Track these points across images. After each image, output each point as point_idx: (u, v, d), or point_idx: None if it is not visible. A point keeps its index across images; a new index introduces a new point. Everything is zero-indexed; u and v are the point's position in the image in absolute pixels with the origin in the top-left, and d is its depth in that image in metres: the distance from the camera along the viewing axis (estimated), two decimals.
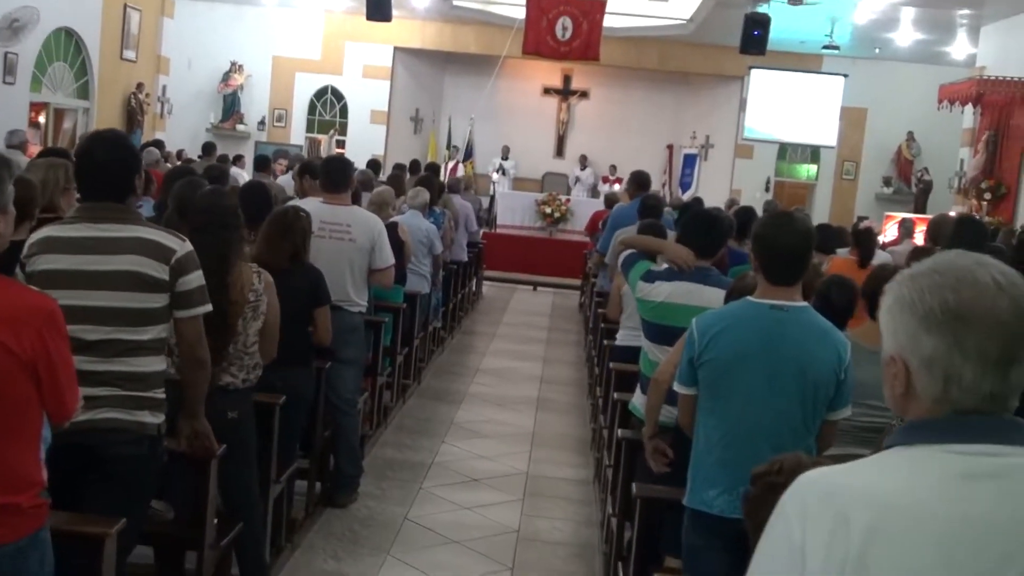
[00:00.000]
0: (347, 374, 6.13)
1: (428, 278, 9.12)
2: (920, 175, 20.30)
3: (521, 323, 13.73)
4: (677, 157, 22.79)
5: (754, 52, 16.32)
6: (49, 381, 2.72)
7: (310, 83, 22.02)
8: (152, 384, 3.44)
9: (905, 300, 1.54)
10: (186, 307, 3.48)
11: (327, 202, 6.21)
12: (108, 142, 3.45)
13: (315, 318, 5.32)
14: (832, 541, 1.46)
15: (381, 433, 7.67)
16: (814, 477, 1.56)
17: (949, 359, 1.49)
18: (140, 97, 17.66)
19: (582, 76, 22.88)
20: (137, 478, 3.43)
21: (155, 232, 3.46)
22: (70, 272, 3.30)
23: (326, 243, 6.00)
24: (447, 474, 6.95)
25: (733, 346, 3.37)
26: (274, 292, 4.39)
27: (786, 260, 3.34)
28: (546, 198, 19.85)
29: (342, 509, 6.06)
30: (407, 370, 8.82)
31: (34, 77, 14.86)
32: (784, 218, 3.47)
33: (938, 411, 1.53)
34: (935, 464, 1.49)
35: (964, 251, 1.58)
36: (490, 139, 22.59)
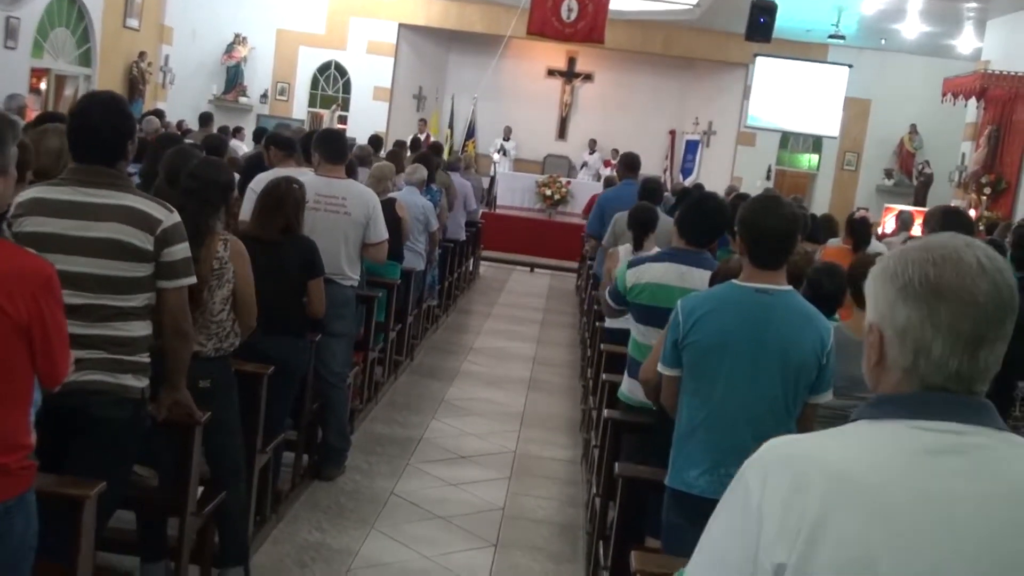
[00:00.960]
0: (338, 348, 6.14)
1: (424, 255, 9.12)
2: (921, 168, 20.29)
3: (517, 304, 13.74)
4: (679, 143, 22.78)
5: (760, 39, 16.26)
6: (42, 345, 2.73)
7: (314, 57, 21.97)
8: (137, 348, 3.45)
9: (889, 271, 1.55)
10: (170, 278, 3.48)
11: (322, 174, 6.20)
12: (104, 104, 3.44)
13: (309, 290, 5.31)
14: (789, 505, 1.46)
15: (371, 408, 7.69)
16: (777, 443, 1.58)
17: (921, 331, 1.50)
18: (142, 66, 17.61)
19: (587, 59, 22.83)
20: (119, 441, 3.44)
21: (143, 201, 3.44)
22: (55, 236, 3.29)
23: (321, 216, 6.00)
24: (435, 451, 6.97)
25: (717, 329, 3.38)
26: (245, 260, 4.32)
27: (771, 244, 3.34)
28: (546, 180, 19.85)
29: (329, 482, 6.08)
30: (400, 346, 8.83)
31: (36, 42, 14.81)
32: (770, 202, 3.47)
33: (906, 386, 1.54)
34: (898, 438, 1.50)
35: (957, 233, 1.59)
36: (492, 119, 22.55)
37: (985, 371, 1.52)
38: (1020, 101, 14.98)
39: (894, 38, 18.96)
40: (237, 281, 4.34)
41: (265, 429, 4.87)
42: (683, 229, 4.72)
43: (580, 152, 22.53)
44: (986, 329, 1.50)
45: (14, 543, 2.70)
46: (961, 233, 4.62)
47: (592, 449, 6.29)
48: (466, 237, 12.44)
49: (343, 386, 6.28)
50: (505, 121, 22.49)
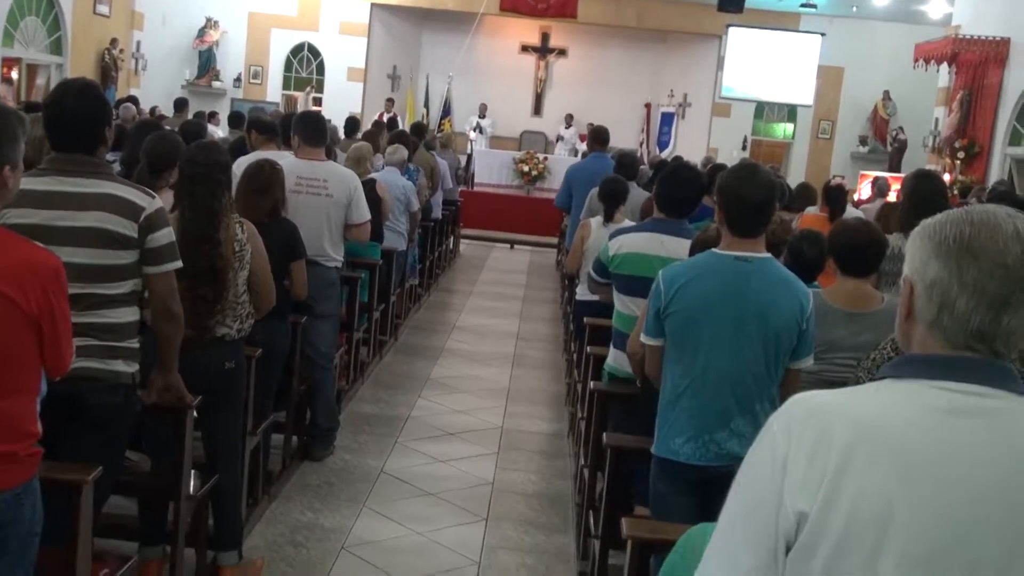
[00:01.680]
0: (324, 329, 6.17)
1: (405, 235, 9.14)
2: (895, 134, 20.41)
3: (498, 281, 13.78)
4: (655, 116, 22.82)
5: (732, 10, 16.36)
6: (51, 336, 2.78)
7: (286, 39, 21.87)
8: (126, 334, 3.47)
9: (928, 228, 1.61)
10: (156, 263, 3.50)
11: (303, 157, 6.21)
12: (78, 92, 3.44)
13: (291, 272, 5.33)
14: (814, 455, 1.51)
15: (358, 388, 7.73)
16: (803, 397, 1.63)
17: (948, 286, 1.56)
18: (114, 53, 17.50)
19: (560, 34, 22.80)
20: (112, 426, 3.47)
21: (125, 188, 3.45)
22: (40, 227, 3.29)
23: (303, 198, 6.01)
24: (423, 428, 7.03)
25: (698, 297, 3.43)
26: (259, 240, 4.42)
27: (750, 212, 3.39)
28: (523, 156, 19.85)
29: (319, 462, 6.13)
30: (384, 326, 8.87)
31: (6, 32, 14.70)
32: (749, 170, 3.52)
33: (931, 344, 1.59)
34: (921, 396, 1.55)
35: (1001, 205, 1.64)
36: (468, 97, 22.51)
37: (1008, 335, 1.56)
38: (991, 65, 15.08)
39: (865, 5, 19.04)
40: (254, 261, 4.39)
41: (254, 412, 4.91)
42: (660, 200, 4.77)
43: (556, 127, 22.52)
44: (1011, 292, 1.54)
45: (24, 529, 2.75)
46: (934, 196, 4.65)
47: (579, 422, 6.36)
48: (444, 216, 12.45)
49: (330, 367, 6.32)
50: (480, 99, 22.45)
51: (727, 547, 1.61)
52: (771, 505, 1.54)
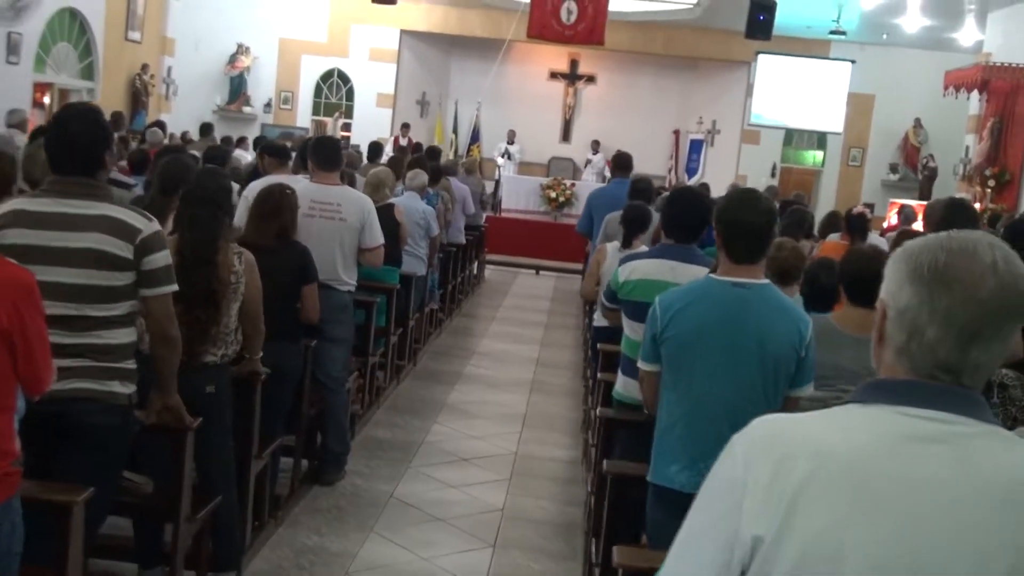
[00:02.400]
0: (335, 352, 6.18)
1: (424, 260, 9.16)
2: (926, 162, 20.26)
3: (521, 306, 13.77)
4: (683, 142, 22.78)
5: (759, 37, 16.27)
6: (24, 353, 2.78)
7: (316, 65, 22.06)
8: (122, 355, 3.49)
9: (906, 252, 1.58)
10: (152, 286, 3.52)
11: (317, 181, 6.25)
12: (79, 116, 3.49)
13: (303, 296, 5.37)
14: (772, 480, 1.50)
15: (373, 412, 7.73)
16: (767, 420, 1.62)
17: (918, 312, 1.53)
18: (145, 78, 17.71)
19: (589, 61, 22.86)
20: (108, 447, 3.49)
21: (122, 211, 3.48)
22: (36, 248, 3.33)
23: (316, 222, 6.05)
24: (436, 453, 7.01)
25: (694, 323, 3.40)
26: (255, 272, 4.45)
27: (747, 238, 3.36)
28: (551, 182, 19.86)
29: (329, 486, 6.12)
30: (402, 351, 8.87)
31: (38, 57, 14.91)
32: (746, 196, 3.50)
33: (899, 369, 1.57)
34: (883, 422, 1.52)
35: (985, 232, 1.61)
36: (496, 123, 22.58)
37: (975, 368, 1.53)
38: (1022, 93, 14.95)
39: (896, 32, 18.94)
40: (248, 293, 4.43)
41: (261, 434, 4.92)
42: (665, 226, 4.76)
43: (584, 154, 22.54)
44: (982, 325, 1.51)
45: (2, 548, 2.75)
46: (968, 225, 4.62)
47: (590, 448, 6.32)
48: (467, 241, 12.46)
49: (342, 390, 6.32)
50: (509, 125, 22.52)
51: (682, 562, 1.59)
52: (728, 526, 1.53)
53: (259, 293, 4.48)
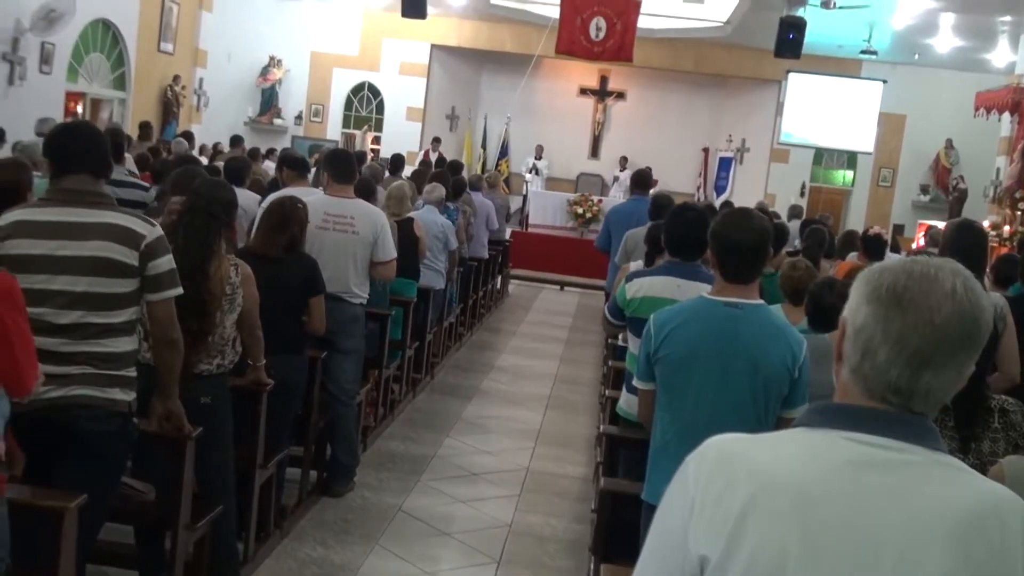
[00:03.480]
0: (347, 365, 6.21)
1: (443, 273, 9.19)
2: (956, 183, 20.10)
3: (544, 322, 13.77)
4: (712, 160, 22.73)
5: (789, 56, 16.24)
6: (5, 354, 2.81)
7: (347, 79, 22.21)
8: (124, 363, 3.53)
9: (869, 272, 1.58)
10: (157, 290, 3.56)
11: (332, 194, 6.30)
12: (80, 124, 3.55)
13: (310, 307, 5.40)
14: (718, 501, 1.50)
15: (387, 425, 7.75)
16: (719, 440, 1.62)
17: (872, 333, 1.52)
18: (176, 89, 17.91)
19: (619, 77, 22.88)
20: (107, 453, 3.52)
21: (125, 217, 3.53)
22: (42, 257, 3.37)
23: (330, 235, 6.09)
24: (447, 468, 7.02)
25: (686, 342, 3.40)
26: (252, 283, 4.48)
27: (740, 258, 3.36)
28: (578, 198, 19.87)
29: (337, 498, 6.15)
30: (419, 364, 8.89)
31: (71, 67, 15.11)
32: (740, 215, 3.49)
33: (851, 391, 1.56)
34: (828, 447, 1.52)
35: (954, 260, 1.60)
36: (525, 138, 22.63)
37: (927, 393, 1.52)
38: None
39: (927, 53, 18.84)
40: (245, 303, 4.46)
41: (266, 445, 4.95)
42: (667, 243, 4.75)
43: (612, 170, 22.53)
44: (934, 352, 1.49)
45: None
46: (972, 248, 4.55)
47: (598, 465, 6.31)
48: (491, 255, 12.48)
49: (352, 403, 6.34)
50: (538, 140, 22.57)
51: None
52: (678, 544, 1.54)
53: (256, 304, 4.51)
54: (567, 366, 11.03)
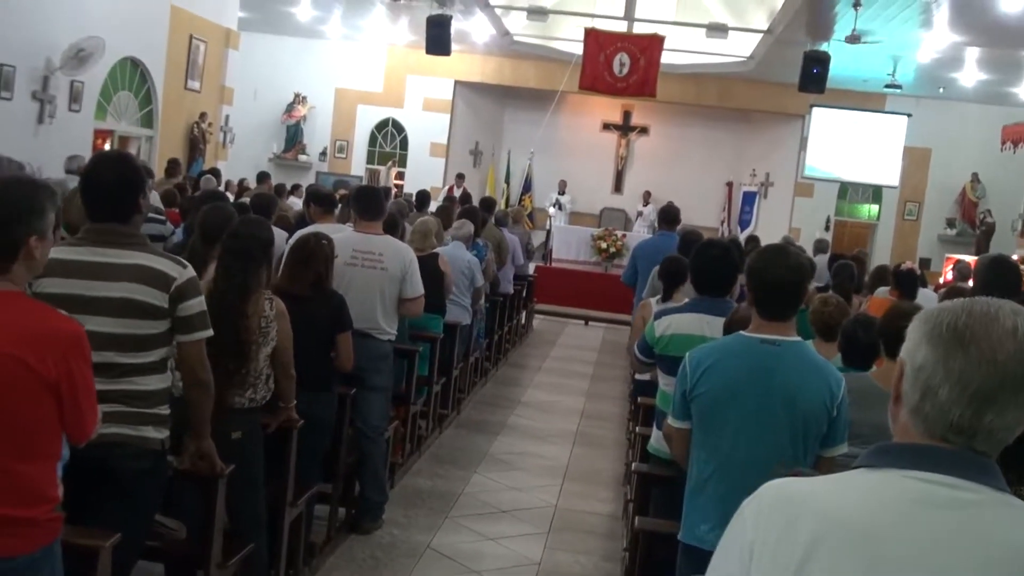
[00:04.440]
0: (375, 401, 6.20)
1: (469, 309, 9.18)
2: (983, 217, 20.00)
3: (569, 357, 13.73)
4: (736, 195, 22.73)
5: (813, 90, 16.23)
6: (71, 403, 2.83)
7: (372, 115, 22.41)
8: (156, 401, 3.54)
9: (928, 312, 1.58)
10: (188, 332, 3.57)
11: (360, 230, 6.32)
12: (113, 163, 3.57)
13: (338, 344, 5.40)
14: (779, 546, 1.49)
15: (414, 462, 7.73)
16: (776, 484, 1.61)
17: (933, 372, 1.51)
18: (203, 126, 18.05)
19: (642, 112, 22.95)
20: (140, 492, 3.52)
21: (156, 259, 3.54)
22: (71, 297, 3.38)
23: (358, 271, 6.11)
24: (476, 504, 6.98)
25: (723, 380, 3.37)
26: (286, 320, 4.50)
27: (777, 294, 3.34)
28: (602, 233, 19.87)
29: (366, 535, 6.12)
30: (445, 400, 8.88)
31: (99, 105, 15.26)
32: (776, 252, 3.47)
33: (912, 431, 1.55)
34: (892, 487, 1.50)
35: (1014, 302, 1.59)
36: (549, 173, 22.72)
37: (989, 433, 1.51)
38: None
39: (952, 86, 18.81)
40: (279, 339, 4.47)
41: (296, 482, 4.94)
42: (693, 279, 4.74)
43: (636, 205, 22.55)
44: (997, 390, 1.48)
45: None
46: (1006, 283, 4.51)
47: (628, 503, 6.26)
48: (515, 291, 12.48)
49: (380, 439, 6.33)
50: (561, 175, 22.63)
51: None
52: None
53: (290, 341, 4.53)
54: (593, 401, 10.98)
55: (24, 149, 11.73)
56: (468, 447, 8.48)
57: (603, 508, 7.30)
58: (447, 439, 8.65)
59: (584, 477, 8.02)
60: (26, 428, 2.77)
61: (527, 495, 7.34)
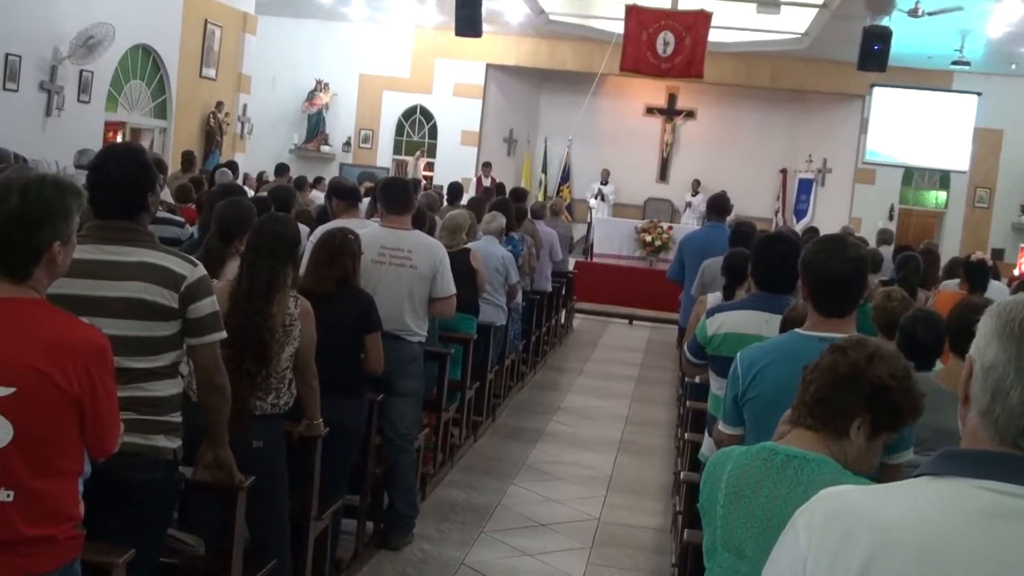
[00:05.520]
0: (404, 408, 6.21)
1: (504, 309, 9.18)
2: None
3: (612, 359, 13.72)
4: (791, 182, 22.57)
5: (873, 68, 16.11)
6: (93, 417, 2.85)
7: (398, 102, 22.46)
8: (167, 408, 3.56)
9: (1000, 307, 1.56)
10: (199, 334, 3.59)
11: (387, 226, 6.33)
12: (121, 157, 3.59)
13: (366, 346, 5.42)
14: (835, 559, 1.49)
15: (446, 472, 7.75)
16: (831, 493, 1.60)
17: (1004, 372, 1.50)
18: (219, 116, 18.18)
19: (688, 95, 22.85)
20: (152, 503, 3.55)
21: (165, 257, 3.56)
22: (75, 297, 3.39)
23: (385, 269, 6.13)
24: (513, 518, 6.98)
25: (778, 382, 3.34)
26: (311, 320, 4.53)
27: (835, 289, 3.30)
28: (646, 225, 19.81)
29: (395, 551, 6.15)
30: (479, 406, 8.89)
31: (110, 96, 15.42)
32: (834, 243, 3.43)
33: (981, 435, 1.53)
34: (958, 497, 1.49)
35: None
36: (589, 162, 22.67)
37: None
38: None
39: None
40: (302, 340, 4.50)
41: (321, 495, 4.96)
42: (755, 275, 4.70)
43: (683, 194, 22.45)
44: None
45: None
46: None
47: (677, 516, 6.25)
48: (553, 288, 12.47)
49: (411, 448, 6.35)
50: (602, 164, 22.58)
51: None
52: None
53: (312, 343, 4.55)
54: (639, 406, 10.96)
55: (31, 143, 11.89)
56: (504, 456, 8.49)
57: (650, 521, 7.28)
58: (481, 448, 8.67)
59: (629, 488, 8.00)
60: (47, 444, 2.78)
61: (568, 507, 7.33)
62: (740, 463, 2.62)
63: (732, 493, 2.59)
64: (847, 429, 2.57)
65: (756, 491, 2.56)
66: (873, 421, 2.56)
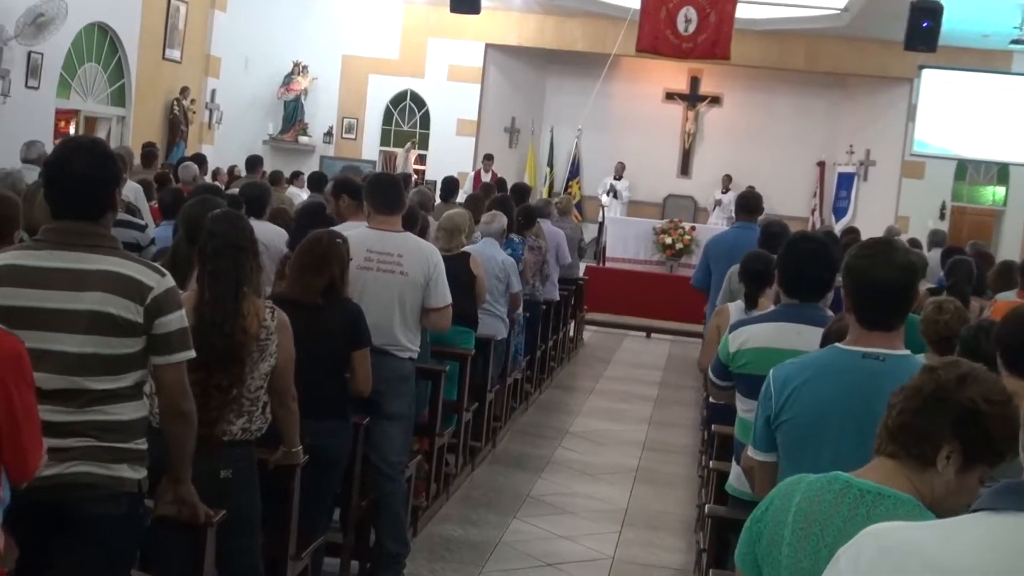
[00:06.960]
0: (394, 432, 6.22)
1: (505, 320, 9.20)
2: None
3: (627, 377, 13.75)
4: (830, 176, 22.61)
5: (922, 48, 16.16)
6: (10, 434, 2.85)
7: (386, 87, 22.49)
8: (131, 434, 3.57)
9: None
10: (165, 353, 3.59)
11: (375, 227, 6.34)
12: (84, 150, 3.59)
13: (353, 363, 5.44)
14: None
15: (441, 505, 7.76)
16: (878, 530, 1.63)
17: None
18: (184, 103, 18.25)
19: (712, 78, 22.90)
20: (114, 541, 3.55)
21: (130, 265, 3.56)
22: (31, 310, 3.41)
23: (372, 276, 6.13)
24: (515, 557, 7.00)
25: (816, 403, 3.36)
26: (289, 335, 4.53)
27: (881, 299, 3.32)
28: (666, 225, 19.82)
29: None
30: (477, 431, 8.91)
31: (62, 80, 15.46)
32: (880, 248, 3.45)
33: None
34: (1016, 534, 1.50)
35: None
36: (600, 154, 22.71)
37: None
38: None
39: None
40: (279, 355, 4.51)
41: (300, 530, 4.97)
42: (782, 282, 4.72)
43: (707, 191, 22.46)
44: None
45: None
46: None
47: (701, 554, 6.26)
48: (561, 296, 12.48)
49: (401, 478, 6.36)
50: (616, 156, 22.60)
51: None
52: None
53: (290, 361, 4.56)
54: (657, 430, 10.98)
55: None
56: (506, 487, 8.51)
57: (670, 559, 7.30)
58: (480, 478, 8.68)
59: (647, 522, 8.02)
60: None
61: (577, 545, 7.35)
62: (809, 495, 2.54)
63: (800, 530, 2.50)
64: (933, 459, 2.45)
65: (825, 529, 2.46)
66: (964, 451, 2.43)
